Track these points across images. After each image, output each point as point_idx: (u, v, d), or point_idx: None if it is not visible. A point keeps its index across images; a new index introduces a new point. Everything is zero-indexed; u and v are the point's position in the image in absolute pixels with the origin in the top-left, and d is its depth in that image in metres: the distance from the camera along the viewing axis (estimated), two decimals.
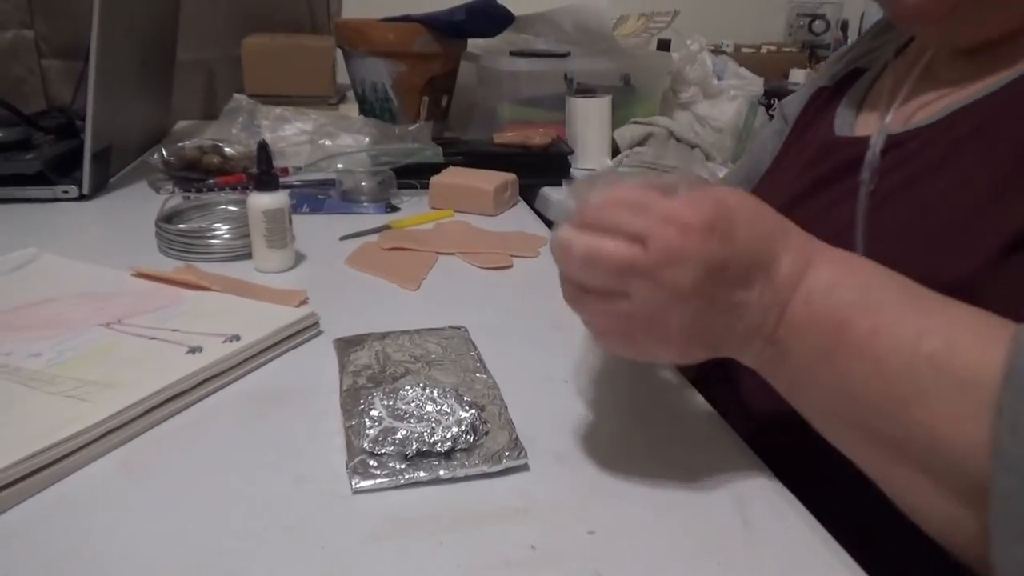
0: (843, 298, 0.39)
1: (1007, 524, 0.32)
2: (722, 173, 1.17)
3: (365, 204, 1.01)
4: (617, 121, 1.31)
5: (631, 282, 0.40)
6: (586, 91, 1.31)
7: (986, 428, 0.33)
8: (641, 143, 1.31)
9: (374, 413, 0.49)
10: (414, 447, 0.46)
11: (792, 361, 0.41)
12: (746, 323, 0.41)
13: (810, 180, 0.57)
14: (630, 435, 0.51)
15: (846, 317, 0.39)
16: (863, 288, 0.40)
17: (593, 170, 1.22)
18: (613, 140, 1.30)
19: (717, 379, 0.58)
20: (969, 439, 0.34)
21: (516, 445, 0.48)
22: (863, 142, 0.52)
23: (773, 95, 1.46)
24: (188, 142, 1.10)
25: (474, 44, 1.43)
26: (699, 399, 0.56)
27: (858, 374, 0.38)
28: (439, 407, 0.49)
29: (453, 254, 0.85)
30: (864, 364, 0.38)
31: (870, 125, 0.55)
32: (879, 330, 0.38)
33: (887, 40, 0.62)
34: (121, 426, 0.49)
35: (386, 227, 0.93)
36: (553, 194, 1.14)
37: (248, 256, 0.79)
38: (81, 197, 1.00)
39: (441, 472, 0.45)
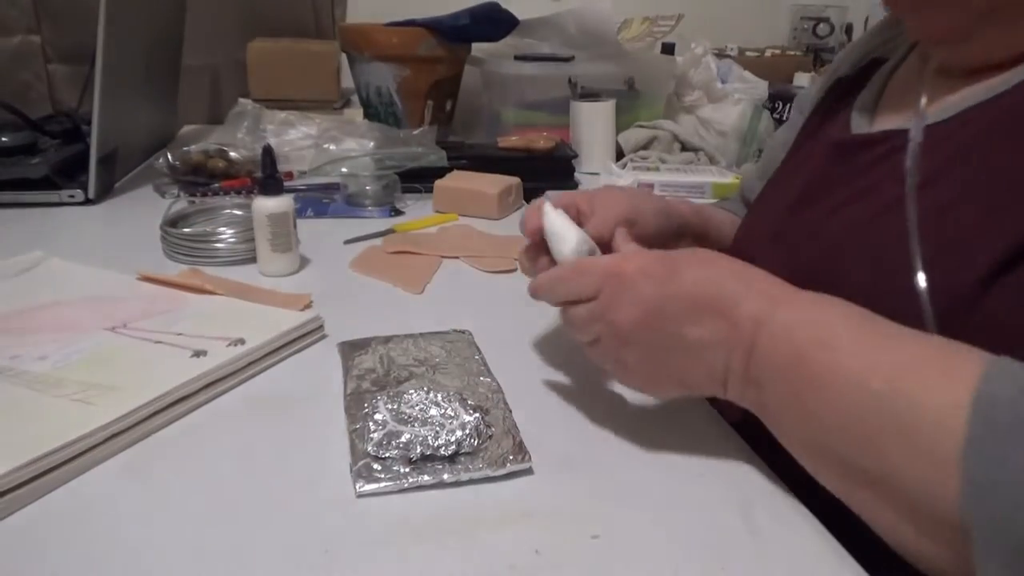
0: (802, 335, 0.41)
1: (992, 554, 0.31)
2: (727, 177, 1.17)
3: (369, 208, 1.01)
4: (621, 125, 1.31)
5: (594, 328, 0.48)
6: (590, 95, 1.31)
7: (945, 465, 0.32)
8: (645, 147, 1.31)
9: (378, 417, 0.49)
10: (418, 451, 0.46)
11: (767, 399, 0.43)
12: (709, 361, 0.44)
13: (827, 175, 0.55)
14: (634, 439, 0.51)
15: (804, 353, 0.40)
16: (822, 325, 0.41)
17: (597, 173, 1.22)
18: (617, 144, 1.30)
19: None
20: (921, 482, 0.34)
21: (520, 449, 0.48)
22: (884, 137, 0.51)
23: (777, 99, 1.46)
24: (193, 146, 1.11)
25: (478, 48, 1.43)
26: (704, 404, 0.56)
27: (819, 411, 0.39)
28: (443, 411, 0.49)
29: (457, 258, 0.85)
30: (823, 401, 0.39)
31: (889, 119, 0.54)
32: (833, 367, 0.38)
33: (904, 29, 0.60)
34: (126, 430, 0.49)
35: (390, 231, 0.93)
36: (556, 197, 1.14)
37: (253, 260, 0.79)
38: (87, 201, 1.00)
39: (445, 476, 0.45)
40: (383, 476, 0.45)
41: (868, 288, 0.45)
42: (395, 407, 0.50)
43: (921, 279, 0.42)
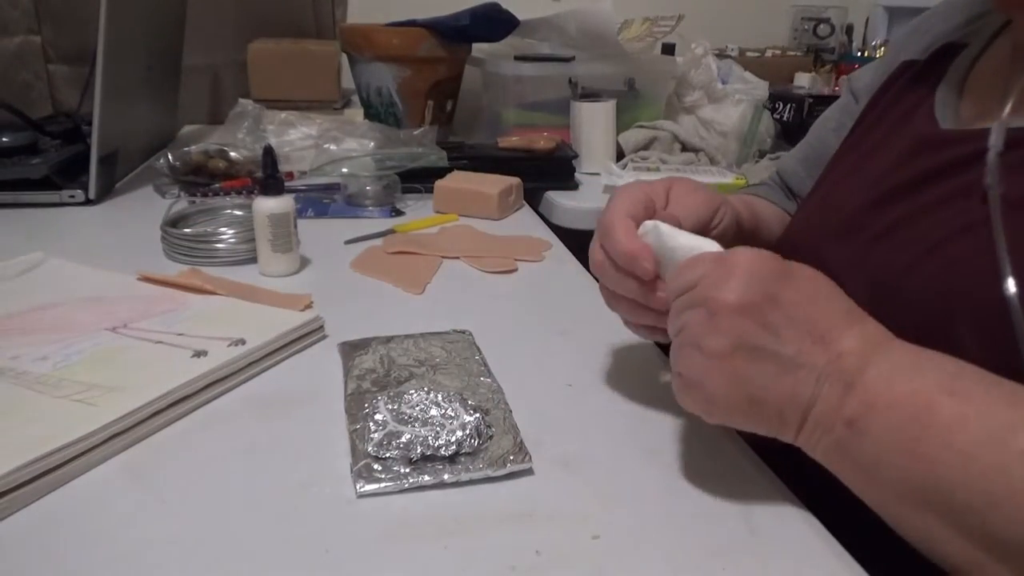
0: (928, 380, 0.38)
1: None
2: (728, 178, 1.17)
3: (370, 208, 1.01)
4: (622, 125, 1.31)
5: (685, 316, 0.43)
6: (591, 95, 1.31)
7: None
8: (646, 147, 1.31)
9: (378, 417, 0.49)
10: (418, 451, 0.46)
11: (869, 445, 0.38)
12: (798, 383, 0.40)
13: (912, 175, 0.51)
14: (635, 440, 0.51)
15: (932, 401, 0.37)
16: (949, 373, 0.38)
17: (597, 174, 1.22)
18: (618, 144, 1.30)
19: None
20: None
21: (521, 449, 0.48)
22: (976, 137, 0.47)
23: (778, 99, 1.46)
24: (194, 147, 1.11)
25: (479, 49, 1.43)
26: None
27: (944, 464, 0.36)
28: (443, 411, 0.49)
29: (457, 258, 0.85)
30: (951, 454, 0.35)
31: (978, 115, 0.51)
32: (968, 418, 0.36)
33: (984, 12, 0.57)
34: (126, 430, 0.49)
35: (391, 231, 0.93)
36: (557, 198, 1.14)
37: (253, 260, 0.79)
38: (87, 201, 1.00)
39: (446, 476, 0.45)
40: (383, 476, 0.45)
41: (947, 303, 0.43)
42: (395, 407, 0.50)
43: (1011, 285, 0.40)
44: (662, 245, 0.49)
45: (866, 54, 1.75)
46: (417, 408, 0.50)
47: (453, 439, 0.47)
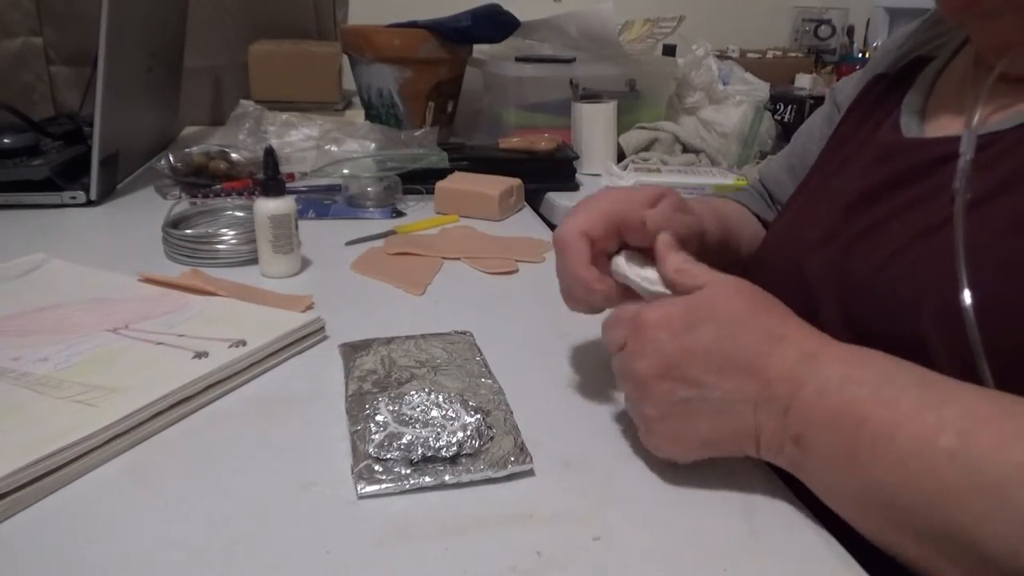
0: (858, 392, 0.39)
1: None
2: (729, 179, 1.17)
3: (371, 209, 1.01)
4: (622, 126, 1.31)
5: (622, 381, 0.47)
6: (591, 96, 1.31)
7: (1019, 526, 0.32)
8: (646, 148, 1.31)
9: (379, 418, 0.49)
10: (419, 452, 0.46)
11: (815, 460, 0.41)
12: (737, 419, 0.43)
13: (878, 180, 0.53)
14: (636, 441, 0.51)
15: (863, 411, 0.38)
16: (877, 381, 0.39)
17: (598, 175, 1.22)
18: (619, 145, 1.30)
19: None
20: (1008, 539, 0.33)
21: (521, 450, 0.48)
22: (938, 144, 0.50)
23: (779, 100, 1.46)
24: (195, 148, 1.11)
25: (480, 50, 1.43)
26: None
27: (882, 470, 0.37)
28: (444, 412, 0.49)
29: (458, 259, 0.85)
30: (887, 461, 0.37)
31: (941, 124, 0.52)
32: (897, 424, 0.37)
33: (951, 27, 0.59)
34: (127, 431, 0.49)
35: (391, 232, 0.93)
36: (558, 199, 1.14)
37: (254, 261, 0.79)
38: (89, 203, 1.01)
39: (446, 477, 0.45)
40: (384, 477, 0.45)
41: (914, 303, 0.44)
42: (396, 408, 0.50)
43: (967, 296, 0.41)
44: (626, 279, 0.52)
45: (867, 55, 1.75)
46: (418, 409, 0.50)
47: (454, 440, 0.47)
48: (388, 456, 0.46)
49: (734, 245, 0.68)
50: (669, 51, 1.52)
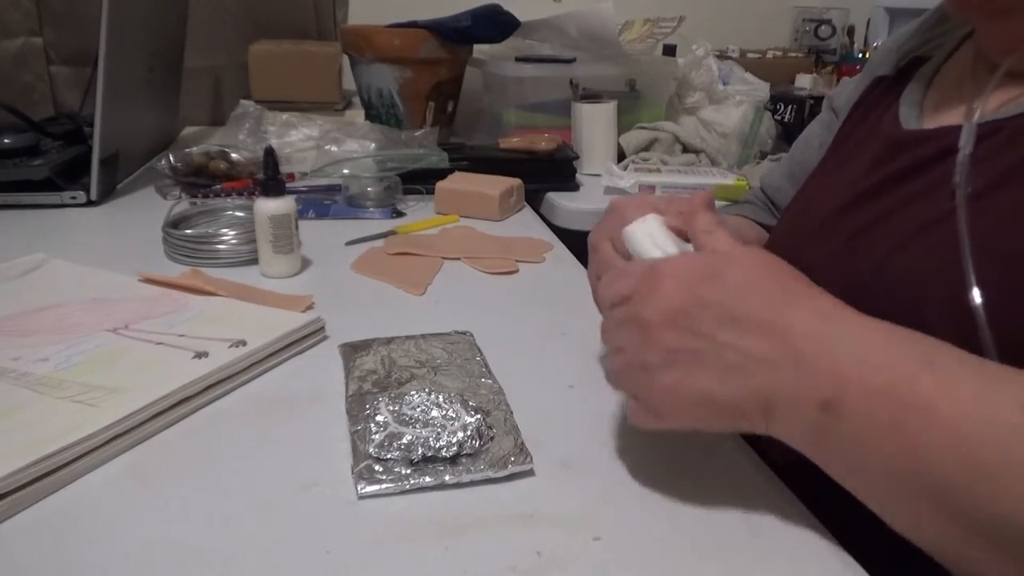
0: (904, 353, 0.36)
1: None
2: (729, 179, 1.17)
3: (371, 209, 1.01)
4: (623, 126, 1.31)
5: (621, 335, 0.43)
6: (592, 96, 1.31)
7: None
8: (647, 148, 1.31)
9: (380, 418, 0.49)
10: (420, 452, 0.46)
11: (848, 425, 0.37)
12: (751, 378, 0.39)
13: (881, 176, 0.52)
14: (637, 441, 0.51)
15: (911, 375, 0.35)
16: (923, 345, 0.37)
17: (598, 175, 1.22)
18: (619, 145, 1.30)
19: None
20: None
21: (522, 450, 0.48)
22: (939, 136, 0.49)
23: (779, 100, 1.46)
24: (195, 148, 1.11)
25: (480, 50, 1.43)
26: None
27: (929, 440, 0.34)
28: (444, 412, 0.49)
29: (458, 259, 0.85)
30: (938, 431, 0.34)
31: (940, 116, 0.52)
32: (949, 391, 0.34)
33: (949, 27, 0.59)
34: (128, 431, 0.49)
35: (392, 232, 0.93)
36: (558, 199, 1.14)
37: (254, 261, 0.79)
38: (89, 203, 1.01)
39: (447, 477, 0.45)
40: (384, 477, 0.45)
41: (918, 298, 0.43)
42: (396, 408, 0.50)
43: (976, 295, 0.40)
44: (637, 254, 0.48)
45: (867, 55, 1.75)
46: (418, 409, 0.50)
47: (454, 440, 0.47)
48: (388, 456, 0.46)
49: None
50: (669, 51, 1.52)
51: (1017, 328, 0.39)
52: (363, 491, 0.45)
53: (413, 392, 0.51)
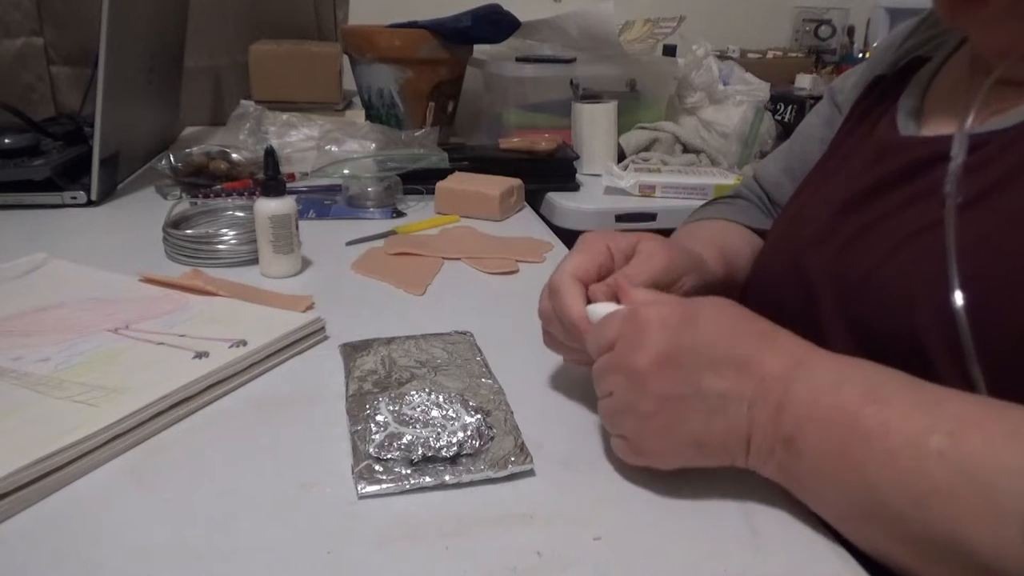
0: (851, 393, 0.39)
1: None
2: (729, 179, 1.17)
3: (371, 210, 1.01)
4: (623, 126, 1.31)
5: (611, 379, 0.46)
6: (592, 96, 1.31)
7: (1010, 527, 0.32)
8: (647, 148, 1.31)
9: (380, 418, 0.49)
10: (420, 452, 0.46)
11: (807, 462, 0.40)
12: (731, 416, 0.42)
13: (873, 180, 0.53)
14: None
15: (856, 411, 0.38)
16: (869, 383, 0.39)
17: (598, 175, 1.22)
18: (619, 145, 1.30)
19: None
20: (994, 540, 0.33)
21: (522, 451, 0.48)
22: (933, 143, 0.50)
23: (779, 100, 1.46)
24: (195, 148, 1.11)
25: (480, 50, 1.43)
26: None
27: (873, 471, 0.37)
28: (445, 412, 0.49)
29: (459, 259, 0.85)
30: (878, 460, 0.37)
31: (937, 124, 0.53)
32: (889, 424, 0.37)
33: (948, 28, 0.59)
34: (128, 431, 0.49)
35: (392, 232, 0.93)
36: (559, 199, 1.14)
37: (255, 261, 0.79)
38: (89, 203, 1.01)
39: (447, 477, 0.45)
40: (385, 477, 0.45)
41: (909, 302, 0.44)
42: (397, 408, 0.50)
43: (959, 297, 0.41)
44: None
45: (867, 55, 1.75)
46: (418, 409, 0.50)
47: (454, 440, 0.47)
48: (388, 456, 0.46)
49: (739, 278, 0.66)
50: (669, 51, 1.52)
51: (999, 333, 0.40)
52: (363, 491, 0.45)
53: (413, 392, 0.51)
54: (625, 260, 0.55)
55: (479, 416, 0.49)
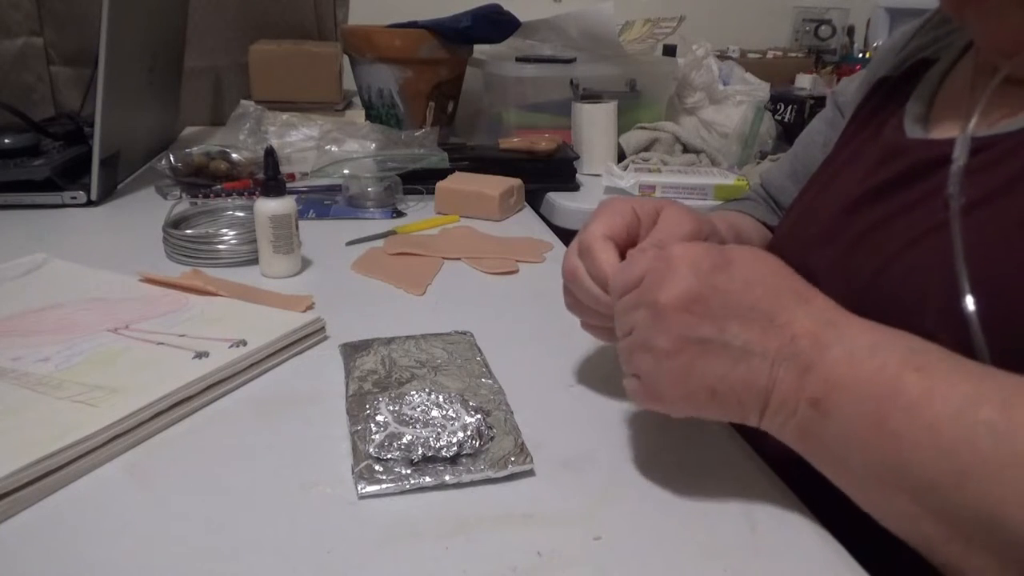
0: (890, 359, 0.37)
1: None
2: (729, 179, 1.17)
3: (371, 210, 1.01)
4: (623, 126, 1.31)
5: (632, 316, 0.44)
6: (592, 96, 1.31)
7: None
8: (647, 148, 1.31)
9: (380, 418, 0.49)
10: (420, 452, 0.46)
11: (835, 425, 0.38)
12: (752, 370, 0.40)
13: (880, 180, 0.53)
14: (637, 441, 0.51)
15: (898, 376, 0.37)
16: (909, 350, 0.38)
17: (598, 175, 1.22)
18: (619, 145, 1.30)
19: None
20: None
21: (522, 451, 0.48)
22: (940, 145, 0.49)
23: (779, 100, 1.46)
24: (195, 148, 1.11)
25: (480, 50, 1.43)
26: None
27: (911, 440, 0.35)
28: (445, 412, 0.49)
29: (459, 259, 0.85)
30: (918, 430, 0.35)
31: (945, 127, 0.52)
32: (933, 393, 0.35)
33: (955, 27, 0.59)
34: (128, 431, 0.49)
35: (392, 232, 0.93)
36: (559, 199, 1.14)
37: (255, 261, 0.79)
38: (89, 203, 1.01)
39: (447, 477, 0.45)
40: (385, 477, 0.45)
41: (917, 305, 0.44)
42: (397, 408, 0.50)
43: (970, 302, 0.40)
44: None
45: (868, 55, 1.75)
46: (418, 409, 0.50)
47: (454, 440, 0.47)
48: (388, 456, 0.46)
49: None
50: (669, 51, 1.52)
51: (1010, 335, 0.40)
52: (363, 491, 0.45)
53: (413, 392, 0.51)
54: (652, 223, 0.54)
55: (479, 416, 0.49)
